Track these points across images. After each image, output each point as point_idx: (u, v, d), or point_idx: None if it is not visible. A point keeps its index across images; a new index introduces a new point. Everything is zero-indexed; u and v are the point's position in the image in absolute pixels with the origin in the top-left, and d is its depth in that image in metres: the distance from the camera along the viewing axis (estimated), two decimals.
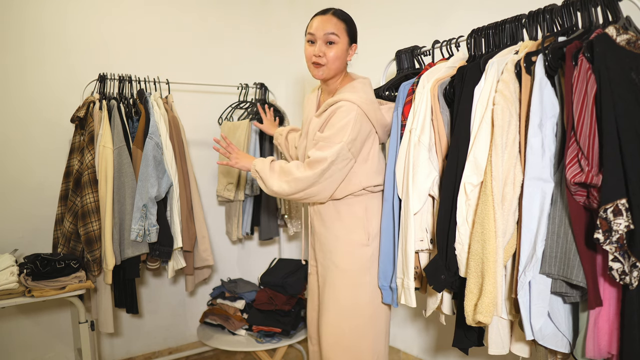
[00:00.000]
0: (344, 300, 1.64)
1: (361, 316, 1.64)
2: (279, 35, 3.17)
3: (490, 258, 1.21)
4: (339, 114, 1.57)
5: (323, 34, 1.60)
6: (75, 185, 2.10)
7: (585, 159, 1.07)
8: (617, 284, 1.10)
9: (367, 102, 1.59)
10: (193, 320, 2.93)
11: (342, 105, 1.57)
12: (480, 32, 1.51)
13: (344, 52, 1.64)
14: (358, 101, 1.57)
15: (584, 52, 1.09)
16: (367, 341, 1.64)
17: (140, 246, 2.09)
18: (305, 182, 1.56)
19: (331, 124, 1.58)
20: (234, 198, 2.61)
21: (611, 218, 1.01)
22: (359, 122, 1.56)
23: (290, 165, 1.63)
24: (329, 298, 1.67)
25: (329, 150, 1.54)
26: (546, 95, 1.18)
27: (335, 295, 1.65)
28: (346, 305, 1.64)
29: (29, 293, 1.87)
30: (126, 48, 2.63)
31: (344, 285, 1.64)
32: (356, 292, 1.64)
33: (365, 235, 1.65)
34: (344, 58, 1.65)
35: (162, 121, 2.20)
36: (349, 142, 1.54)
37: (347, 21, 1.65)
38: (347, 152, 1.55)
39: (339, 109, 1.57)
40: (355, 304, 1.63)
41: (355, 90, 1.62)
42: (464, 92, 1.37)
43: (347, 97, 1.58)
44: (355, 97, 1.58)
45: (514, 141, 1.23)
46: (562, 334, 1.22)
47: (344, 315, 1.64)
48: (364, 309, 1.64)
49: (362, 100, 1.58)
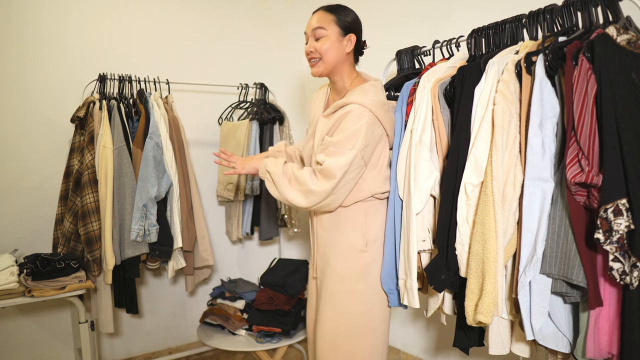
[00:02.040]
0: (339, 306, 1.60)
1: (357, 322, 1.59)
2: (279, 34, 3.17)
3: (490, 258, 1.21)
4: (350, 119, 1.51)
5: (311, 31, 1.59)
6: (75, 185, 2.10)
7: (586, 158, 1.07)
8: (618, 284, 1.10)
9: (378, 105, 1.54)
10: (193, 320, 2.93)
11: (353, 109, 1.51)
12: (480, 32, 1.50)
13: (336, 43, 1.57)
14: (370, 105, 1.51)
15: (585, 52, 1.09)
16: (363, 348, 1.59)
17: (140, 246, 2.09)
18: (321, 196, 1.51)
19: (342, 129, 1.52)
20: (234, 198, 2.61)
21: (611, 218, 1.01)
22: (371, 127, 1.51)
23: (304, 173, 1.56)
24: (325, 303, 1.63)
25: (342, 159, 1.48)
26: (546, 95, 1.18)
27: (331, 300, 1.61)
28: (342, 310, 1.60)
29: (29, 293, 1.87)
30: (126, 48, 2.63)
31: (340, 291, 1.61)
32: (352, 298, 1.59)
33: (363, 241, 1.60)
34: (339, 49, 1.58)
35: (162, 121, 2.20)
36: (361, 149, 1.49)
37: (336, 11, 1.59)
38: (360, 160, 1.51)
39: (350, 113, 1.52)
40: (350, 310, 1.59)
41: (367, 92, 1.56)
42: (465, 92, 1.37)
43: (358, 99, 1.52)
44: (366, 100, 1.52)
45: (514, 141, 1.23)
46: (562, 334, 1.22)
47: (340, 321, 1.60)
48: (359, 315, 1.59)
49: (374, 103, 1.53)
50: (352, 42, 1.60)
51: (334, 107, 1.59)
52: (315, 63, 1.61)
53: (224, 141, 2.70)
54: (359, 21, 1.64)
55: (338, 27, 1.58)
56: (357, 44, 1.64)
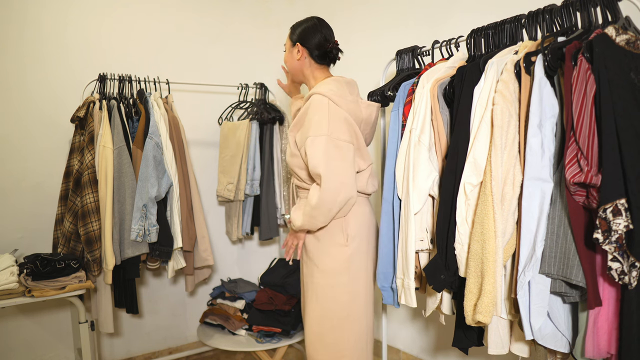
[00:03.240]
0: (323, 300, 1.67)
1: (341, 313, 1.66)
2: (279, 34, 3.17)
3: (489, 258, 1.22)
4: (311, 109, 1.58)
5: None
6: (75, 185, 2.10)
7: (585, 159, 1.07)
8: (616, 283, 1.10)
9: (336, 94, 1.59)
10: (193, 320, 2.93)
11: (313, 99, 1.59)
12: (479, 32, 1.51)
13: (290, 54, 1.76)
14: (327, 93, 1.58)
15: (584, 52, 1.10)
16: (348, 338, 1.66)
17: (140, 246, 2.10)
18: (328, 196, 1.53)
19: (307, 121, 1.58)
20: (234, 198, 2.61)
21: (610, 218, 1.01)
22: (332, 111, 1.56)
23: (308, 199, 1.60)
24: (310, 296, 1.71)
25: (317, 149, 1.52)
26: (545, 95, 1.18)
27: (316, 294, 1.68)
28: (326, 304, 1.66)
29: (29, 293, 1.87)
30: (126, 48, 2.63)
31: (323, 285, 1.67)
32: (337, 290, 1.66)
33: (344, 237, 1.66)
34: (292, 59, 1.75)
35: (162, 121, 2.21)
36: (330, 132, 1.53)
37: (292, 27, 1.76)
38: (336, 141, 1.54)
39: (310, 104, 1.59)
40: (336, 302, 1.66)
41: (325, 84, 1.64)
42: (464, 92, 1.37)
43: (316, 90, 1.61)
44: (323, 89, 1.59)
45: (513, 141, 1.23)
46: (561, 333, 1.22)
47: (324, 314, 1.66)
48: (344, 306, 1.66)
49: (332, 92, 1.58)
50: (300, 52, 1.73)
51: (299, 106, 1.79)
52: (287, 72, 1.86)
53: (224, 141, 2.70)
54: (308, 31, 1.71)
55: (290, 41, 1.77)
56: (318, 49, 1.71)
